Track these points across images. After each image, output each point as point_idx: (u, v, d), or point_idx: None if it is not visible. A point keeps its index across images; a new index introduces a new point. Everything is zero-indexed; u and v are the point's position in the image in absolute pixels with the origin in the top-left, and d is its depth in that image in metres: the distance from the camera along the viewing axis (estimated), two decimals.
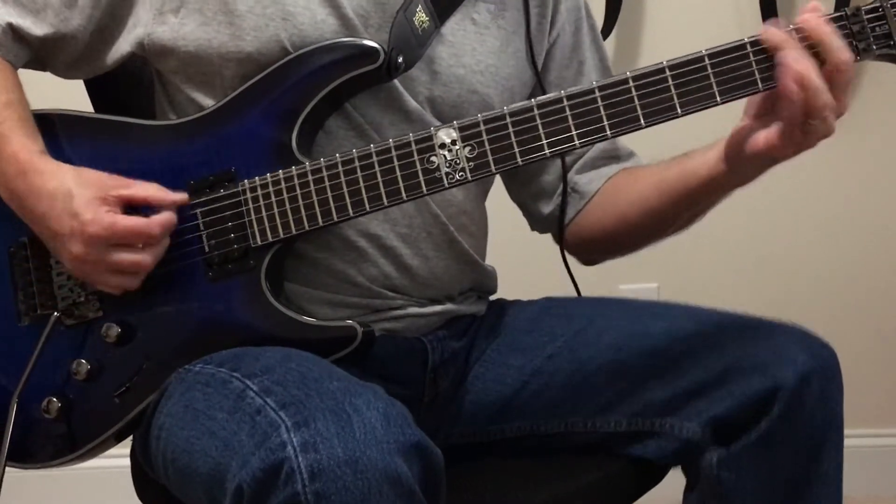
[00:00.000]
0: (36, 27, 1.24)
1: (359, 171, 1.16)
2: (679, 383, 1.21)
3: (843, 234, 2.19)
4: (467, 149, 1.15)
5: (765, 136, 1.10)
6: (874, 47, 1.10)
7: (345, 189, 1.16)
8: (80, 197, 1.14)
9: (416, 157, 1.15)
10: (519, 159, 1.14)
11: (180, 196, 1.17)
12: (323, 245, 1.21)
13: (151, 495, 1.26)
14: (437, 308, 1.28)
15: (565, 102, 1.13)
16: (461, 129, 1.15)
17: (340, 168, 1.16)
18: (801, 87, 1.06)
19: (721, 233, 2.11)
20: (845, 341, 2.09)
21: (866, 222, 2.19)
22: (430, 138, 1.15)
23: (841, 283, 2.21)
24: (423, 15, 1.22)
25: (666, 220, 1.28)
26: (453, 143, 1.15)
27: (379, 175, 1.15)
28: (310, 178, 1.17)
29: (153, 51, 1.23)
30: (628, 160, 1.37)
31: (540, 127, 1.13)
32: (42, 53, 1.27)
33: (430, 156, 1.15)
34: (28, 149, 1.18)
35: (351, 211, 1.16)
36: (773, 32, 1.09)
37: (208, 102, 1.22)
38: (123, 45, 1.24)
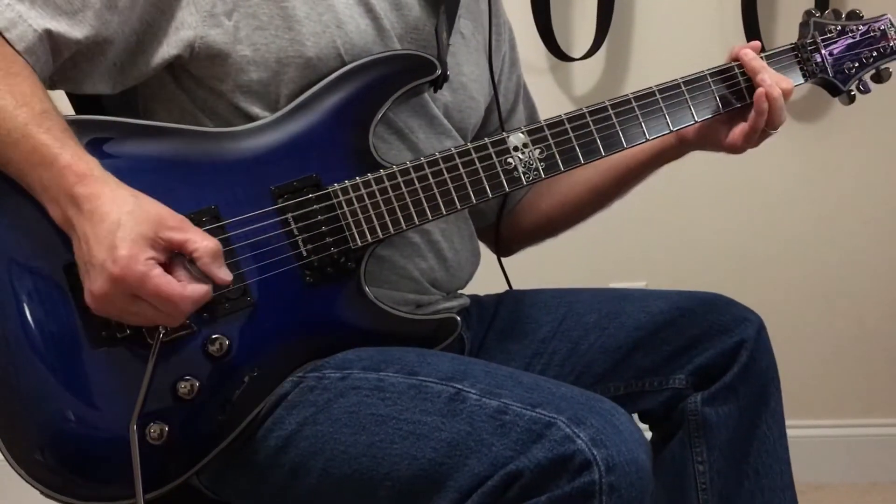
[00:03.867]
0: (74, 30, 1.14)
1: (445, 172, 1.22)
2: (664, 348, 1.40)
3: (828, 233, 2.27)
4: (537, 150, 1.26)
5: (730, 137, 1.35)
6: (818, 73, 1.41)
7: (435, 189, 1.21)
8: (125, 230, 1.02)
9: (495, 159, 1.24)
10: (582, 160, 1.28)
11: (227, 277, 1.06)
12: (387, 243, 1.24)
13: None
14: (459, 302, 1.36)
15: (610, 111, 1.30)
16: (529, 132, 1.26)
17: (427, 170, 1.21)
18: (773, 107, 1.32)
19: (708, 231, 2.26)
20: (826, 336, 2.29)
21: (849, 223, 2.27)
22: (503, 141, 1.25)
23: (825, 280, 2.29)
24: (445, 31, 1.31)
25: (608, 196, 1.48)
26: (525, 146, 1.26)
27: (465, 175, 1.22)
28: (399, 179, 1.20)
29: (204, 54, 1.18)
30: None
31: (595, 132, 1.29)
32: (79, 61, 1.16)
33: (507, 157, 1.25)
34: (85, 161, 1.06)
35: (444, 209, 1.21)
36: (752, 59, 1.35)
37: (254, 110, 1.21)
38: (168, 49, 1.19)
